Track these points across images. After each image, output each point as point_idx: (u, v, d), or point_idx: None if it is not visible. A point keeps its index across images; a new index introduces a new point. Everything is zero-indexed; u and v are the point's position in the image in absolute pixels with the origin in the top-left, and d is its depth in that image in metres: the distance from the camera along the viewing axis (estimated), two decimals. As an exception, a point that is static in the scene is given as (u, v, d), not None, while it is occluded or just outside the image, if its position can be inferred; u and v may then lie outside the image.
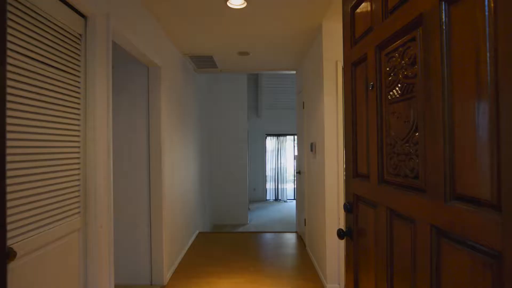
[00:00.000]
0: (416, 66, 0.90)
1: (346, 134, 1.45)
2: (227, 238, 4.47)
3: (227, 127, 6.30)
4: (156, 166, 2.88)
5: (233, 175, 6.29)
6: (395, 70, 1.01)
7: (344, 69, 1.46)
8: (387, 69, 1.06)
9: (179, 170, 3.60)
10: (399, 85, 0.99)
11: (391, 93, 1.04)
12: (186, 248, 3.90)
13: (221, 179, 6.26)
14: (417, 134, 0.90)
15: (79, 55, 1.63)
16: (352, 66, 1.36)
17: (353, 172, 1.36)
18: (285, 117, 8.83)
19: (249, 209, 7.20)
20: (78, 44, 1.63)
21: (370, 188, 1.19)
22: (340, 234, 1.38)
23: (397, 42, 1.00)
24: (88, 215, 1.66)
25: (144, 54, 2.47)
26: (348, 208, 1.38)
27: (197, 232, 4.62)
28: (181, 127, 3.75)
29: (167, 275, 3.03)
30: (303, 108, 3.98)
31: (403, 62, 0.97)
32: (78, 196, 1.62)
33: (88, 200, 1.66)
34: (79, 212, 1.62)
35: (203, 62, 4.10)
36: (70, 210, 1.56)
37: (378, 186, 1.12)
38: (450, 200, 0.76)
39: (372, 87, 1.15)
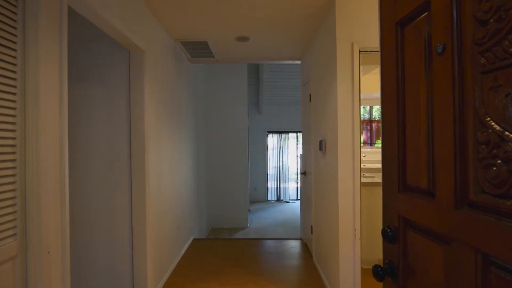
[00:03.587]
0: None
1: (385, 127, 1.01)
2: (224, 246, 4.04)
3: (226, 123, 5.86)
4: (139, 168, 2.44)
5: (232, 175, 5.86)
6: (502, 10, 0.57)
7: (382, 35, 1.02)
8: (479, 14, 0.62)
9: (169, 171, 3.17)
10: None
11: (488, 54, 0.60)
12: (178, 259, 3.48)
13: (220, 180, 5.82)
14: None
15: (14, 20, 1.20)
16: (398, 27, 0.93)
17: (398, 183, 0.93)
18: (287, 113, 8.37)
19: (249, 210, 6.78)
20: (12, 5, 1.19)
21: (435, 212, 0.75)
22: (379, 273, 0.95)
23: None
24: (29, 237, 1.23)
25: (120, 32, 2.03)
26: (390, 235, 0.95)
27: (191, 238, 4.19)
28: (172, 124, 3.32)
29: (153, 293, 2.61)
30: (310, 101, 3.54)
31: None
32: (13, 212, 1.19)
33: (28, 219, 1.23)
34: (14, 235, 1.19)
35: (198, 50, 3.65)
36: (1, 232, 1.13)
37: (455, 211, 0.68)
38: None
39: (443, 50, 0.72)
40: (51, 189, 1.33)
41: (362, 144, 4.21)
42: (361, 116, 4.54)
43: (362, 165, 3.46)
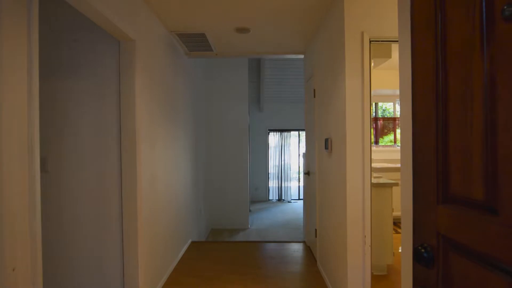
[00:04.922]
0: None
1: (418, 120, 0.81)
2: (223, 249, 3.85)
3: (226, 121, 5.66)
4: (130, 169, 2.25)
5: (232, 175, 5.66)
6: None
7: (413, 4, 0.82)
8: None
9: (164, 170, 2.98)
10: None
11: None
12: (174, 264, 3.29)
13: (220, 179, 5.63)
14: None
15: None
16: (437, -7, 0.73)
17: (437, 191, 0.73)
18: (289, 111, 8.17)
19: (250, 211, 6.60)
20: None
21: (499, 233, 0.56)
22: (411, 305, 0.75)
23: None
24: (-13, 253, 1.04)
25: (104, 17, 1.83)
26: (425, 257, 0.75)
27: (189, 241, 4.01)
28: (168, 121, 3.12)
29: (146, 303, 2.42)
30: (314, 97, 3.33)
31: None
32: (-34, 224, 0.99)
33: (-14, 230, 1.04)
34: (-32, 251, 1.00)
35: (195, 43, 3.45)
36: (-51, 248, 0.94)
37: (536, 235, 0.49)
38: None
39: (515, 12, 0.52)
40: (17, 196, 1.14)
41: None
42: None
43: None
